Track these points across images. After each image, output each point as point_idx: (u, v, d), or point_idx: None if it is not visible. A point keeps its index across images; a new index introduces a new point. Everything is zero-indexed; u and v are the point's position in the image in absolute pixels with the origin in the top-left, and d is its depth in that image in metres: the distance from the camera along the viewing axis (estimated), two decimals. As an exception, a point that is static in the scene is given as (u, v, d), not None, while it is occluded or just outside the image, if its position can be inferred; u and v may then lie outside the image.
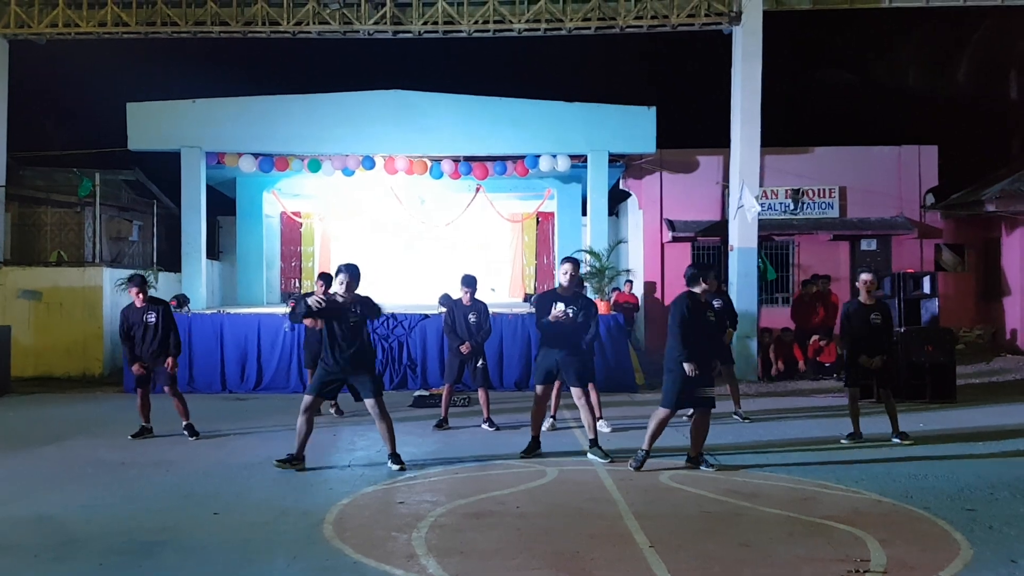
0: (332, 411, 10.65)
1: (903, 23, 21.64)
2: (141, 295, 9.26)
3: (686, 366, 7.24)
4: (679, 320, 7.37)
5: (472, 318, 9.82)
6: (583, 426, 8.31)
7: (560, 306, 8.13)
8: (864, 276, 9.04)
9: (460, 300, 9.96)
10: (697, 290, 7.50)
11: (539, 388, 8.36)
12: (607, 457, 7.85)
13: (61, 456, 8.42)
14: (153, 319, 9.21)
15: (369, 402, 7.69)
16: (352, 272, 7.66)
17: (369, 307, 7.71)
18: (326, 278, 10.16)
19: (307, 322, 9.72)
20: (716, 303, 8.81)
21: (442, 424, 9.85)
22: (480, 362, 9.84)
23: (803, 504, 6.33)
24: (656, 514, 6.06)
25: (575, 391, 8.20)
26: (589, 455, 8.03)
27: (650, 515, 6.02)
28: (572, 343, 8.24)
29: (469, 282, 9.92)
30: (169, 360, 9.16)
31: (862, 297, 9.03)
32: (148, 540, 5.55)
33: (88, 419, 10.86)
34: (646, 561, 5.08)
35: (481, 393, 9.90)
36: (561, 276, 8.44)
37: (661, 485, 6.99)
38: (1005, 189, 16.52)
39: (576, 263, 8.53)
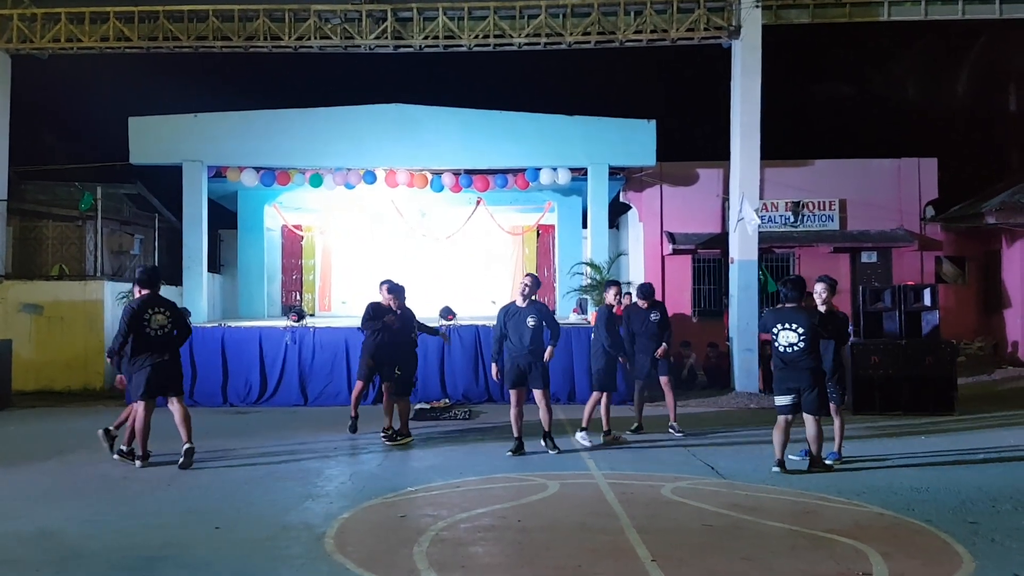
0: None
1: (902, 36, 21.73)
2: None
3: None
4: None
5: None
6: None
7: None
8: (816, 285, 8.85)
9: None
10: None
11: (513, 393, 9.13)
12: (555, 449, 8.97)
13: (63, 471, 8.42)
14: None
15: None
16: None
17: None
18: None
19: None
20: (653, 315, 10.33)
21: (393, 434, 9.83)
22: (397, 369, 9.88)
23: (805, 517, 6.33)
24: (658, 528, 6.06)
25: (537, 393, 9.07)
26: (541, 441, 9.09)
27: (652, 529, 6.01)
28: (534, 350, 9.04)
29: (396, 290, 10.18)
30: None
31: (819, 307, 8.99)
32: (150, 555, 5.55)
33: (89, 433, 10.78)
34: (648, 575, 5.09)
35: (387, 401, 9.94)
36: (519, 289, 9.29)
37: (663, 499, 6.98)
38: (1005, 201, 16.53)
39: (535, 278, 9.40)
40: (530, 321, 9.01)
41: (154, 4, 15.34)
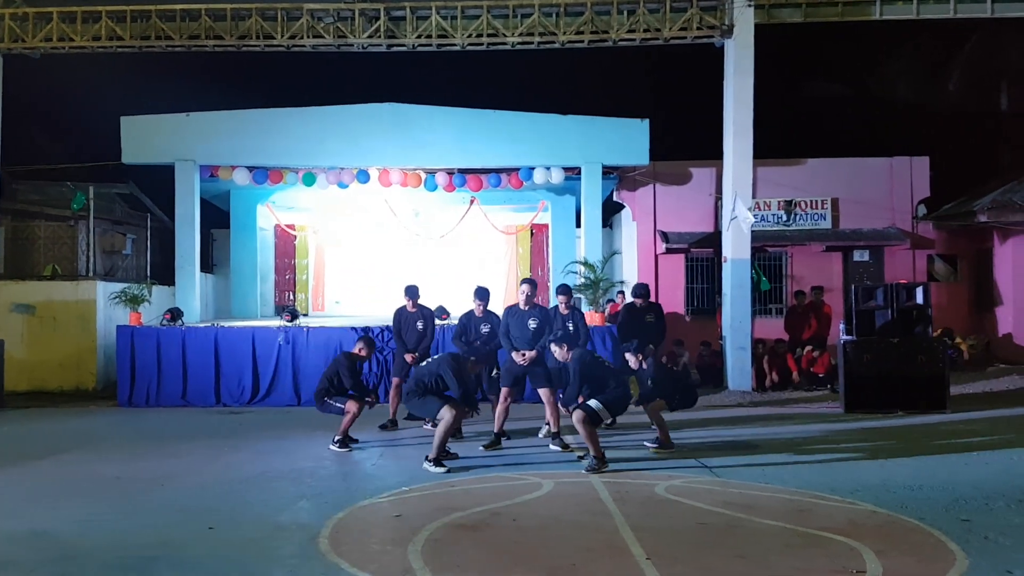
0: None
1: (894, 35, 21.77)
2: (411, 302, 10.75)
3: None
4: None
5: (485, 328, 10.04)
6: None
7: (522, 355, 9.24)
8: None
9: (472, 312, 10.13)
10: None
11: (504, 391, 9.41)
12: (567, 448, 8.92)
13: (56, 471, 8.40)
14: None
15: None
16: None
17: None
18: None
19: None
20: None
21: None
22: (494, 371, 10.00)
23: (799, 515, 6.34)
24: (652, 526, 6.07)
25: (542, 392, 9.36)
26: (551, 445, 9.18)
27: (646, 527, 6.02)
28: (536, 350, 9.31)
29: (483, 295, 10.13)
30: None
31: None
32: (144, 555, 5.54)
33: (83, 434, 10.83)
34: (643, 574, 5.09)
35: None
36: (520, 296, 9.56)
37: (657, 497, 6.99)
38: (996, 199, 16.59)
39: (533, 284, 9.73)
40: (531, 323, 9.33)
41: (146, 3, 15.29)
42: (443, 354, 8.86)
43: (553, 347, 8.73)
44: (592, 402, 8.01)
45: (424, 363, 8.69)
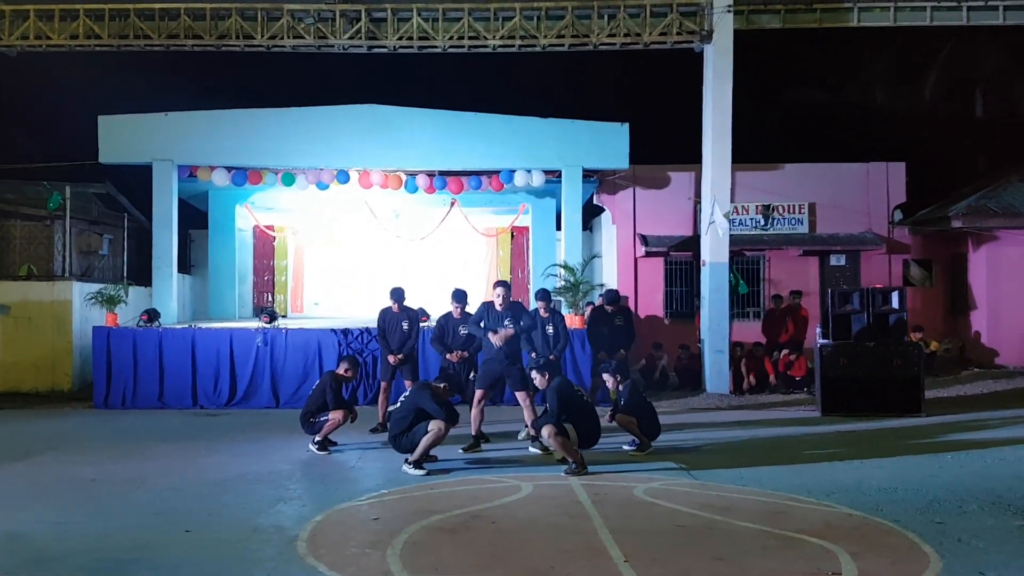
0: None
1: (872, 41, 21.97)
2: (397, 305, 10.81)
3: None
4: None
5: (463, 331, 10.05)
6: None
7: (501, 331, 9.17)
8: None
9: (451, 314, 10.18)
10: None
11: (479, 392, 9.40)
12: (547, 450, 8.73)
13: (31, 473, 8.32)
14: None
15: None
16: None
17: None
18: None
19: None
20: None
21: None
22: (472, 373, 9.93)
23: (775, 518, 6.39)
24: (631, 528, 6.09)
25: (519, 395, 9.32)
26: (530, 448, 9.22)
27: (625, 529, 6.05)
28: (512, 353, 9.32)
29: (460, 297, 10.15)
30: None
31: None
32: (120, 558, 5.50)
33: (58, 435, 10.72)
34: (621, 576, 5.12)
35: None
36: (495, 298, 9.42)
37: (635, 499, 7.03)
38: (971, 205, 16.80)
39: (507, 286, 9.54)
40: (506, 324, 9.26)
41: (125, 2, 15.17)
42: (412, 389, 9.04)
43: (534, 374, 8.79)
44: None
45: (397, 405, 8.63)
